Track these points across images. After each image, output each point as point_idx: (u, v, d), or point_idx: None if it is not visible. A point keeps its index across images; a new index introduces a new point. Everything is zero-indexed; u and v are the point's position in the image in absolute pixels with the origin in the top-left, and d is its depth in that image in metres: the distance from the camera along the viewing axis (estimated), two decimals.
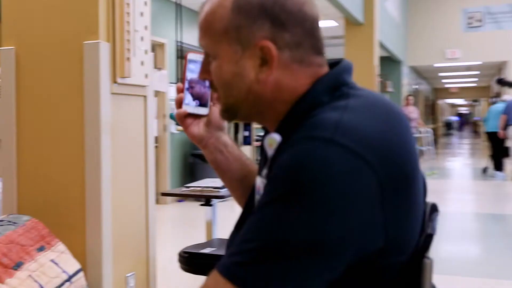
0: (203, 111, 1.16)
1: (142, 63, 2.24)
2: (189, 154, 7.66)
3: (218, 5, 0.94)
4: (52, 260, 1.89)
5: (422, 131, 14.18)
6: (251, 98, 0.95)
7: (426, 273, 0.93)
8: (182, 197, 6.95)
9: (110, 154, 2.08)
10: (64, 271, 1.89)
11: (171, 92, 7.32)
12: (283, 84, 0.93)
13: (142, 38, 2.24)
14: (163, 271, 2.66)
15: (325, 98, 0.91)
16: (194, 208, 6.83)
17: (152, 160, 2.38)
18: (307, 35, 0.93)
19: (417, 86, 17.58)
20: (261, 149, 1.03)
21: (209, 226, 2.86)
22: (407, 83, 14.81)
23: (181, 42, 6.88)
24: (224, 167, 1.22)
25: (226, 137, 1.22)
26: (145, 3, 2.28)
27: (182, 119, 1.16)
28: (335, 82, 0.93)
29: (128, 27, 2.13)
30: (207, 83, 1.14)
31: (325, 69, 0.96)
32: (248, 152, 8.62)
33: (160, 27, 7.19)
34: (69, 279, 1.89)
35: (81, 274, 1.96)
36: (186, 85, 1.14)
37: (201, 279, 2.75)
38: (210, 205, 2.83)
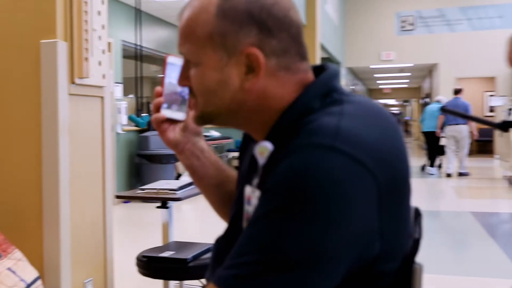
0: (180, 116, 1.12)
1: (99, 63, 2.16)
2: (135, 155, 7.52)
3: (201, 10, 0.89)
4: (9, 269, 1.79)
5: None
6: (233, 107, 0.91)
7: (416, 279, 0.93)
8: (129, 199, 6.81)
9: (68, 156, 2.00)
10: (22, 280, 1.80)
11: (117, 92, 7.17)
12: (269, 92, 0.90)
13: (99, 38, 2.16)
14: (120, 276, 2.58)
15: (316, 104, 0.88)
16: (141, 210, 6.75)
17: (110, 162, 2.30)
18: (293, 41, 0.90)
19: (353, 87, 17.96)
20: (252, 161, 0.99)
21: (166, 228, 2.79)
22: (345, 84, 15.10)
23: (140, 46, 6.76)
24: (201, 173, 1.18)
25: (203, 142, 1.18)
26: (102, 2, 2.20)
27: (159, 123, 1.11)
28: (325, 88, 0.91)
29: (86, 26, 2.05)
30: (185, 88, 1.11)
31: (311, 75, 0.94)
32: None
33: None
34: (27, 287, 1.80)
35: (39, 282, 1.87)
36: (165, 89, 1.10)
37: (160, 283, 2.68)
38: (167, 208, 2.77)
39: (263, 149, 0.88)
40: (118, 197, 2.95)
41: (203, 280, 2.41)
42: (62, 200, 1.95)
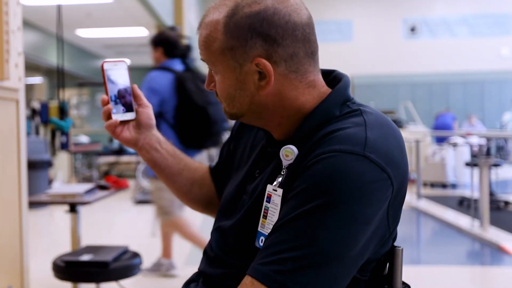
0: (130, 116, 1.14)
1: (16, 65, 2.03)
2: None
3: (212, 28, 0.95)
4: None
5: None
6: (253, 108, 0.98)
7: (399, 258, 1.04)
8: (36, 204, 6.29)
9: None
10: None
11: None
12: (283, 94, 0.96)
13: (16, 39, 2.03)
14: (35, 282, 2.42)
15: (336, 113, 0.96)
16: (34, 214, 6.27)
17: (25, 166, 2.16)
18: (300, 42, 0.94)
19: None
20: (266, 154, 1.04)
21: (74, 233, 2.68)
22: None
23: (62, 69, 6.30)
24: (162, 164, 1.21)
25: (158, 134, 1.21)
26: (17, 3, 2.07)
27: (113, 129, 1.13)
28: (343, 97, 0.98)
29: (7, 27, 1.92)
30: (128, 89, 1.13)
31: (319, 76, 1.00)
32: (65, 157, 8.11)
33: None
34: None
35: None
36: (111, 96, 1.11)
37: (77, 286, 2.55)
38: (75, 212, 2.65)
39: (289, 151, 0.94)
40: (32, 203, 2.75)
41: (122, 282, 2.36)
42: None
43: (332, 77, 1.03)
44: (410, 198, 7.17)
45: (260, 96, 0.96)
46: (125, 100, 1.12)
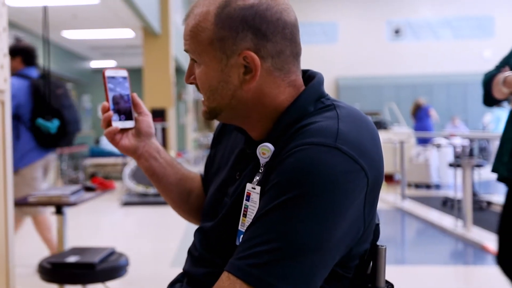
0: (130, 124, 1.14)
1: (1, 66, 2.02)
2: None
3: (202, 18, 0.95)
4: None
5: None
6: (234, 103, 0.97)
7: (381, 257, 1.05)
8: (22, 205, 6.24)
9: None
10: None
11: None
12: (265, 91, 0.96)
13: (1, 40, 2.02)
14: (21, 284, 2.41)
15: (310, 108, 0.97)
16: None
17: (10, 168, 2.15)
18: (288, 41, 0.96)
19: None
20: (244, 156, 1.04)
21: (61, 235, 2.66)
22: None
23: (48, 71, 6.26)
24: (160, 173, 1.20)
25: (157, 143, 1.20)
26: (3, 4, 2.06)
27: (113, 136, 1.12)
28: (317, 94, 0.99)
29: None
30: (128, 97, 1.14)
31: (300, 77, 1.01)
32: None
33: None
34: None
35: None
36: (111, 104, 1.11)
37: None
38: (62, 213, 2.64)
39: (265, 149, 0.94)
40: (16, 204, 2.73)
41: (108, 283, 2.35)
42: None
43: (306, 76, 1.04)
44: (395, 198, 7.22)
45: (242, 91, 0.96)
46: (125, 108, 1.13)
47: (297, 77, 1.00)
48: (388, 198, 7.35)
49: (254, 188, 0.96)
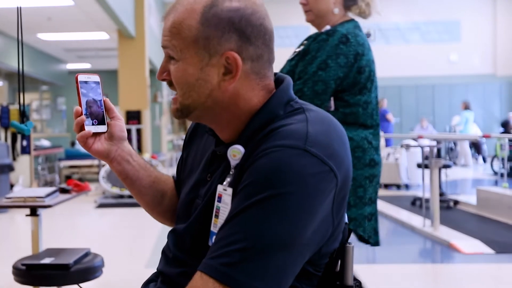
0: (102, 128, 1.14)
1: None
2: None
3: (187, 15, 0.95)
4: None
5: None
6: (209, 102, 0.98)
7: (349, 255, 1.08)
8: None
9: None
10: None
11: None
12: (240, 93, 0.97)
13: None
14: None
15: (280, 112, 0.98)
16: None
17: None
18: (266, 47, 0.98)
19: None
20: (215, 158, 1.05)
21: (36, 236, 2.63)
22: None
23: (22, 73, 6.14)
24: (133, 176, 1.18)
25: (129, 147, 1.19)
26: None
27: (85, 140, 1.11)
28: (286, 97, 1.01)
29: None
30: (101, 102, 1.14)
31: (272, 82, 1.02)
32: (26, 161, 7.92)
33: None
34: None
35: None
36: (84, 108, 1.11)
37: None
38: (37, 215, 2.61)
39: (236, 151, 0.95)
40: None
41: (83, 284, 2.33)
42: None
43: (274, 79, 1.05)
44: None
45: (219, 91, 0.96)
46: (98, 112, 1.12)
47: (270, 82, 1.01)
48: None
49: (226, 190, 0.97)
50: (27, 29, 9.16)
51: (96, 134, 1.13)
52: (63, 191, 2.88)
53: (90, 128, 1.11)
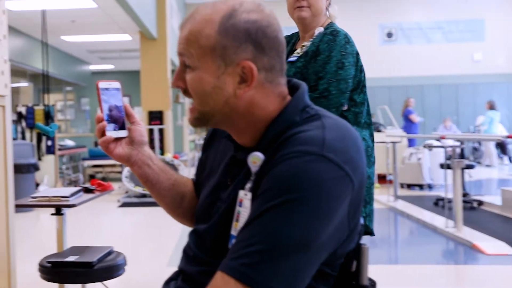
0: (123, 133, 1.17)
1: (2, 72, 2.05)
2: None
3: (205, 25, 0.98)
4: None
5: None
6: (226, 110, 1.00)
7: (365, 255, 1.10)
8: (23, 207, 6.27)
9: None
10: None
11: None
12: (255, 101, 1.00)
13: (2, 47, 2.05)
14: (22, 283, 2.44)
15: (297, 118, 1.01)
16: (20, 217, 6.27)
17: (11, 170, 2.18)
18: (279, 58, 1.01)
19: None
20: (235, 163, 1.07)
21: (60, 235, 2.69)
22: None
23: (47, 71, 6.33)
24: (154, 179, 1.22)
25: (150, 150, 1.23)
26: (4, 12, 2.09)
27: (107, 145, 1.15)
28: (302, 104, 1.03)
29: None
30: (121, 108, 1.17)
31: (286, 89, 1.05)
32: (51, 161, 8.07)
33: None
34: None
35: None
36: (105, 114, 1.14)
37: (65, 287, 2.57)
38: (61, 214, 2.67)
39: (256, 158, 0.98)
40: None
41: (106, 282, 2.38)
42: None
43: (290, 86, 1.07)
44: (387, 199, 7.26)
45: (235, 98, 0.99)
46: (118, 118, 1.16)
47: (284, 89, 1.04)
48: (380, 199, 7.39)
49: (246, 195, 1.00)
50: (51, 31, 9.34)
51: (117, 139, 1.16)
52: (87, 190, 2.93)
53: (111, 133, 1.14)
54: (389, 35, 15.02)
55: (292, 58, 2.05)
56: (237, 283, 0.87)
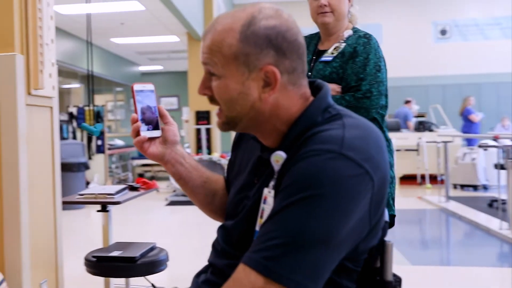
0: (157, 133, 1.24)
1: (50, 75, 2.18)
2: None
3: (226, 34, 1.02)
4: None
5: None
6: (252, 114, 1.05)
7: (389, 252, 1.13)
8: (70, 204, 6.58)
9: (26, 164, 2.00)
10: None
11: None
12: (280, 103, 1.05)
13: (50, 51, 2.18)
14: (69, 276, 2.57)
15: (319, 118, 1.05)
16: (72, 213, 6.59)
17: (59, 169, 2.31)
18: (300, 60, 1.05)
19: None
20: (262, 163, 1.13)
21: (106, 231, 2.82)
22: None
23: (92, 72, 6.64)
24: (186, 177, 1.29)
25: (182, 149, 1.30)
26: (51, 17, 2.22)
27: (141, 144, 1.22)
28: (324, 104, 1.07)
29: (41, 40, 2.07)
30: (155, 108, 1.24)
31: (308, 89, 1.10)
32: (101, 160, 8.36)
33: None
34: None
35: (5, 284, 1.86)
36: (140, 115, 1.21)
37: (109, 281, 2.70)
38: (107, 211, 2.80)
39: (278, 157, 1.03)
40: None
41: (148, 277, 2.48)
42: (22, 207, 1.95)
43: (315, 86, 1.12)
44: (438, 199, 7.13)
45: (260, 102, 1.04)
46: (152, 118, 1.23)
47: (306, 90, 1.08)
48: (432, 199, 7.27)
49: (270, 192, 1.05)
50: (101, 34, 9.66)
51: (151, 139, 1.23)
52: (132, 188, 3.06)
53: (145, 133, 1.21)
54: (443, 32, 14.68)
55: (326, 58, 2.10)
56: (258, 275, 0.92)
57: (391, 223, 2.14)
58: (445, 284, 3.70)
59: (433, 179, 8.69)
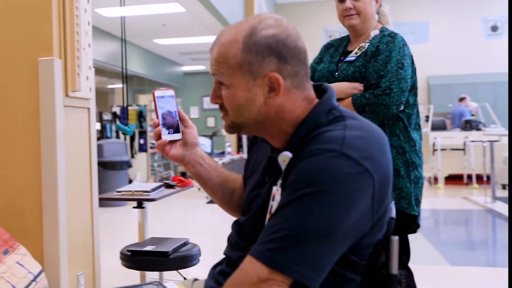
0: (177, 136, 1.35)
1: (87, 78, 2.32)
2: None
3: (230, 46, 1.12)
4: (17, 262, 1.93)
5: None
6: (259, 118, 1.14)
7: (394, 247, 1.20)
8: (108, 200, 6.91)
9: (64, 162, 2.15)
10: (30, 272, 1.94)
11: None
12: (285, 106, 1.13)
13: (87, 55, 2.32)
14: (105, 269, 2.72)
15: (323, 120, 1.13)
16: (115, 210, 6.86)
17: (95, 167, 2.46)
18: (302, 64, 1.13)
19: None
20: (272, 163, 1.22)
21: (142, 226, 2.96)
22: None
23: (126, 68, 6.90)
24: (206, 177, 1.40)
25: (202, 151, 1.41)
26: (88, 23, 2.36)
27: (163, 147, 1.33)
28: (328, 106, 1.15)
29: (78, 45, 2.21)
30: (175, 113, 1.34)
31: (312, 92, 1.18)
32: (144, 158, 8.60)
33: None
34: (34, 279, 1.94)
35: (43, 274, 2.01)
36: (161, 119, 1.32)
37: (144, 274, 2.83)
38: (142, 207, 2.94)
39: (285, 157, 1.11)
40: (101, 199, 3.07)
41: (181, 271, 2.60)
42: (60, 202, 2.10)
43: (321, 89, 1.20)
44: (485, 200, 7.01)
45: (266, 107, 1.12)
46: (173, 122, 1.34)
47: (310, 92, 1.17)
48: (477, 200, 7.15)
49: (278, 190, 1.14)
50: (144, 35, 9.94)
51: (172, 142, 1.34)
52: (168, 186, 3.19)
53: (166, 137, 1.33)
54: (494, 28, 14.33)
55: (350, 58, 2.16)
56: (263, 266, 1.00)
57: (416, 224, 2.17)
58: (492, 285, 3.68)
59: (481, 179, 8.53)
